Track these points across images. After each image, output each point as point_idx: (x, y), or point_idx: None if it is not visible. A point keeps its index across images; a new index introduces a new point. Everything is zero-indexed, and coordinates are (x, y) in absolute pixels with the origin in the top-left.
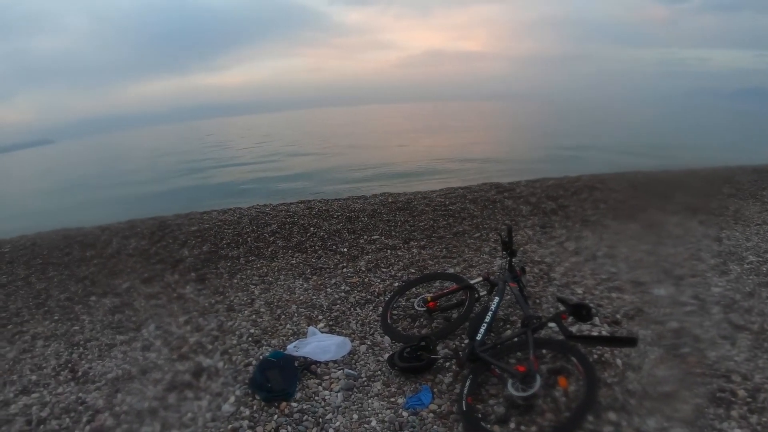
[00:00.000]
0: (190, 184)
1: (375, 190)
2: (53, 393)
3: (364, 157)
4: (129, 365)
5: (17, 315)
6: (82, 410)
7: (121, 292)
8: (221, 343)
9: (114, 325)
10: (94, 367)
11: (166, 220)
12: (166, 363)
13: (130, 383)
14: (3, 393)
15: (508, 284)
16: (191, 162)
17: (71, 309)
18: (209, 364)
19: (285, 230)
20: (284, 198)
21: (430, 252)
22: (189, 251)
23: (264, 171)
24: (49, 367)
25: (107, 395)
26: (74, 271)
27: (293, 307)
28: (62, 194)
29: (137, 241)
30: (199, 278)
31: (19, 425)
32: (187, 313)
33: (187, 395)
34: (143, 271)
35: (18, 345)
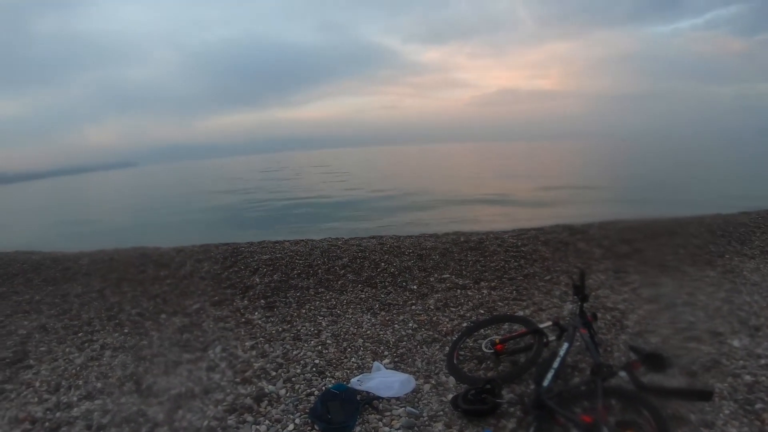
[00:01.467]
0: (263, 213)
1: (446, 228)
2: (116, 402)
3: (435, 195)
4: (192, 383)
5: (89, 324)
6: (141, 422)
7: (191, 313)
8: (285, 371)
9: (182, 343)
10: (158, 381)
11: (240, 246)
12: (229, 385)
13: (192, 401)
14: (67, 396)
15: (578, 330)
16: (265, 192)
17: (141, 324)
18: (271, 391)
19: (356, 264)
20: (356, 232)
21: (500, 293)
22: (260, 278)
23: (335, 204)
24: (114, 376)
25: (168, 410)
26: (147, 288)
27: (359, 341)
28: (142, 214)
29: (210, 265)
30: (268, 306)
31: (79, 428)
32: (254, 339)
33: (247, 419)
34: (214, 294)
35: (87, 352)
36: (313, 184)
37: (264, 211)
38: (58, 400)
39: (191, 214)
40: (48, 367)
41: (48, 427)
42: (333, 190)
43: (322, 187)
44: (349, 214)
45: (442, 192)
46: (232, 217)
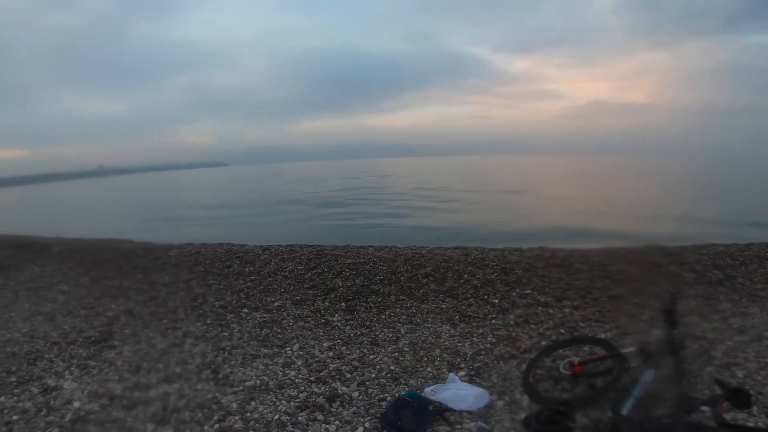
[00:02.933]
0: (348, 219)
1: (531, 243)
2: (192, 388)
3: (522, 208)
4: (268, 378)
5: (173, 312)
6: (215, 409)
7: (272, 310)
8: (360, 374)
9: (261, 338)
10: (234, 372)
11: (324, 249)
12: (303, 382)
13: (266, 394)
14: (147, 377)
15: (663, 357)
16: (350, 197)
17: (224, 316)
18: (344, 392)
19: (439, 274)
20: (440, 242)
21: (583, 313)
22: (342, 282)
23: (421, 212)
24: (193, 364)
25: (242, 401)
26: (232, 282)
27: (437, 351)
28: (230, 212)
29: (294, 266)
30: (348, 309)
31: (154, 408)
32: (332, 340)
33: (317, 417)
34: (296, 293)
35: (169, 339)
36: (406, 192)
37: (350, 217)
38: (138, 381)
39: (279, 215)
40: (131, 349)
41: (125, 404)
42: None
43: (418, 201)
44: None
45: (524, 204)
46: (319, 219)
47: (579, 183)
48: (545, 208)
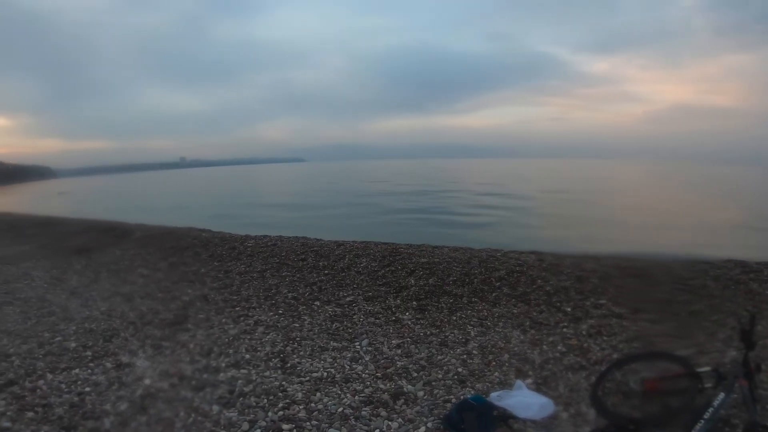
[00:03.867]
0: (423, 218)
1: (609, 251)
2: (260, 374)
3: (601, 214)
4: (335, 370)
5: (246, 301)
6: (280, 396)
7: (344, 304)
8: (427, 374)
9: (331, 331)
10: (302, 363)
11: (399, 247)
12: (369, 378)
13: (331, 386)
14: (217, 361)
15: (738, 380)
16: (427, 196)
17: (295, 308)
18: (410, 391)
19: (512, 278)
20: (515, 245)
21: (659, 328)
22: (415, 281)
23: (498, 213)
24: (262, 351)
25: (307, 391)
26: (305, 275)
27: (505, 356)
28: (307, 206)
29: (368, 262)
30: (419, 308)
31: (222, 391)
32: (401, 338)
33: (381, 413)
34: (368, 289)
35: (241, 326)
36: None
37: (426, 216)
38: (208, 364)
39: (354, 211)
40: (203, 333)
41: (194, 385)
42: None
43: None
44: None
45: (604, 210)
46: (394, 217)
47: (663, 190)
48: (626, 215)
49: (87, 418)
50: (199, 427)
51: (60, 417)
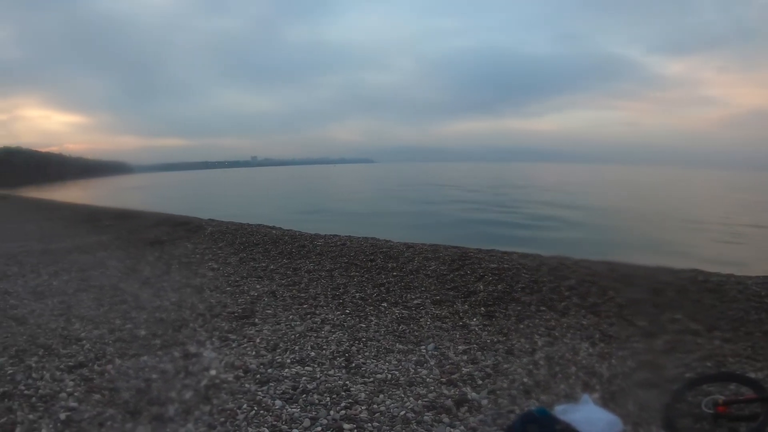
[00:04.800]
0: (493, 222)
1: (685, 263)
2: (325, 372)
3: (676, 224)
4: (399, 373)
5: (314, 299)
6: (343, 396)
7: (411, 307)
8: (491, 382)
9: (397, 333)
10: (367, 363)
11: (468, 251)
12: (433, 383)
13: (395, 389)
14: (282, 357)
15: None
16: (496, 200)
17: (363, 308)
18: (474, 398)
19: (582, 288)
20: (586, 253)
21: (733, 347)
22: (483, 286)
23: (568, 220)
24: (328, 350)
25: (370, 392)
26: (374, 276)
27: (573, 368)
28: (377, 207)
29: (437, 265)
30: (487, 314)
31: (285, 386)
32: (467, 344)
33: (443, 419)
34: (436, 293)
35: (308, 323)
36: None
37: (496, 220)
38: (273, 359)
39: (424, 213)
40: (270, 328)
41: (258, 379)
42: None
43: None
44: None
45: (679, 220)
46: (464, 220)
47: (742, 201)
48: (702, 225)
49: (152, 403)
50: (261, 420)
51: (126, 401)
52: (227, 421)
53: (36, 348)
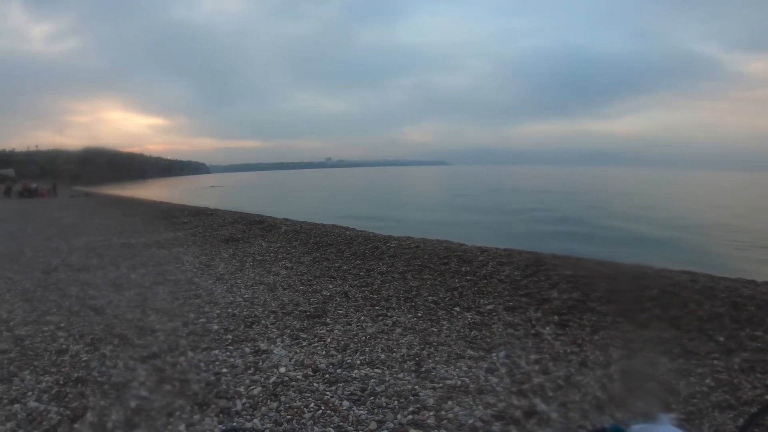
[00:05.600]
0: (568, 227)
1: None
2: (394, 376)
3: (758, 235)
4: (469, 380)
5: (386, 300)
6: (411, 400)
7: (484, 312)
8: (563, 395)
9: (468, 339)
10: (437, 368)
11: (543, 257)
12: (503, 392)
13: (464, 396)
14: (352, 358)
15: None
16: (572, 204)
17: (435, 312)
18: (543, 410)
19: (663, 299)
20: (666, 262)
21: None
22: (558, 294)
23: (647, 227)
24: (398, 353)
25: (439, 398)
26: (447, 279)
27: (650, 384)
28: (451, 210)
29: (511, 270)
30: (561, 323)
31: (353, 388)
32: (540, 353)
33: (511, 430)
34: (509, 299)
35: (379, 325)
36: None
37: (571, 225)
38: (343, 359)
39: (498, 217)
40: (341, 329)
41: (327, 379)
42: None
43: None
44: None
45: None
46: (539, 225)
47: None
48: None
49: (220, 397)
50: (327, 420)
51: (195, 393)
52: (293, 418)
53: (111, 337)
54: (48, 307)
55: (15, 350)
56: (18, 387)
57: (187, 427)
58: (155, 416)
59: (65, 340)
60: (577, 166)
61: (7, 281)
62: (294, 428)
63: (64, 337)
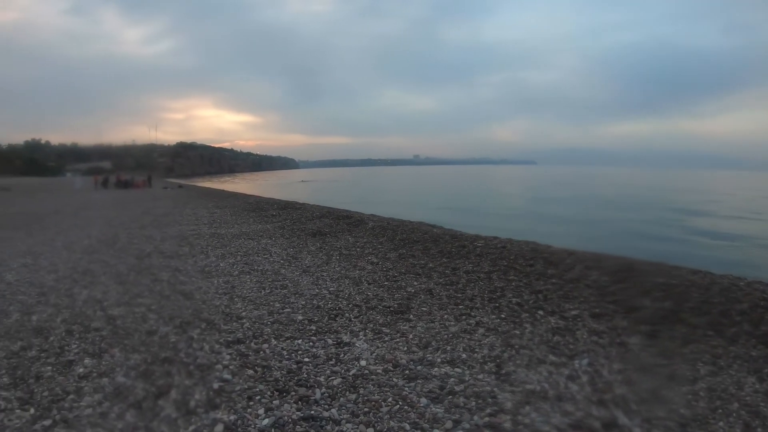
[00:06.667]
0: (662, 232)
1: None
2: (473, 376)
3: None
4: (549, 386)
5: (470, 300)
6: (489, 402)
7: (569, 317)
8: (647, 409)
9: (551, 344)
10: (517, 372)
11: (633, 263)
12: (583, 401)
13: (543, 402)
14: (433, 356)
15: None
16: (665, 209)
17: (518, 314)
18: (625, 424)
19: (755, 314)
20: (761, 274)
21: None
22: (648, 302)
23: (748, 237)
24: (479, 354)
25: (517, 402)
26: (532, 282)
27: (735, 404)
28: (539, 211)
29: (599, 275)
30: (649, 333)
31: (432, 385)
32: (624, 363)
33: None
34: (595, 305)
35: (462, 324)
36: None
37: (665, 231)
38: (423, 356)
39: (588, 219)
40: (424, 326)
41: (406, 375)
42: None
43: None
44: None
45: None
46: (631, 229)
47: None
48: None
49: (300, 385)
50: (404, 416)
51: (276, 380)
52: (371, 411)
53: (199, 321)
54: (140, 290)
55: (107, 328)
56: (107, 362)
57: (266, 411)
58: (236, 399)
59: (155, 321)
60: (671, 169)
61: (102, 264)
62: (370, 421)
63: (154, 318)
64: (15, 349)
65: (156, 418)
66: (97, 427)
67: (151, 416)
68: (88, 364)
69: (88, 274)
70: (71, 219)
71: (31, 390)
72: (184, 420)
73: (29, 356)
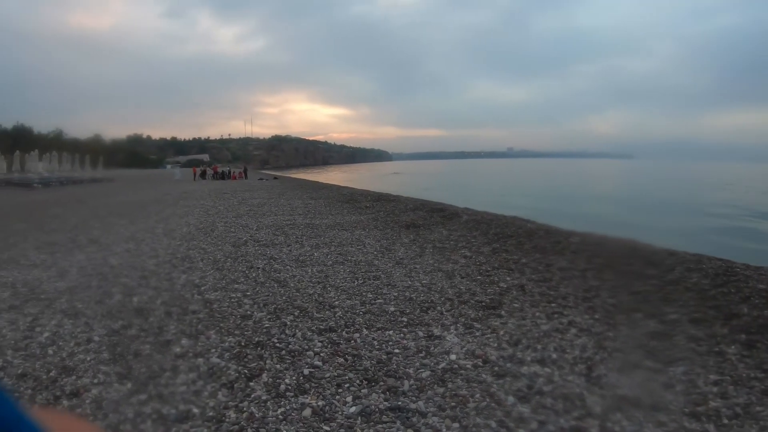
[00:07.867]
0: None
1: None
2: (563, 377)
3: None
4: (642, 393)
5: (563, 298)
6: (578, 405)
7: (667, 321)
8: (739, 424)
9: (647, 348)
10: (609, 376)
11: (734, 266)
12: (676, 411)
13: (635, 410)
14: (523, 353)
15: None
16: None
17: (613, 315)
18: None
19: None
20: None
21: None
22: (748, 309)
23: None
24: (570, 354)
25: (607, 407)
26: (630, 282)
27: None
28: (639, 207)
29: (699, 278)
30: (748, 343)
31: (521, 384)
32: (720, 374)
33: None
34: (695, 310)
35: (554, 323)
36: None
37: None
38: (513, 354)
39: (690, 218)
40: (515, 323)
41: (496, 371)
42: None
43: None
44: None
45: None
46: (735, 231)
47: None
48: None
49: (389, 375)
50: (490, 413)
51: (366, 369)
52: (457, 406)
53: (293, 309)
54: (236, 276)
55: (204, 312)
56: (203, 344)
57: (353, 399)
58: (325, 385)
59: (250, 307)
60: None
61: (201, 251)
62: (456, 416)
63: (249, 304)
64: (116, 327)
65: (246, 398)
66: (189, 403)
67: (242, 397)
68: (185, 344)
69: (186, 260)
70: (171, 208)
71: (130, 366)
72: (274, 402)
73: (129, 335)
